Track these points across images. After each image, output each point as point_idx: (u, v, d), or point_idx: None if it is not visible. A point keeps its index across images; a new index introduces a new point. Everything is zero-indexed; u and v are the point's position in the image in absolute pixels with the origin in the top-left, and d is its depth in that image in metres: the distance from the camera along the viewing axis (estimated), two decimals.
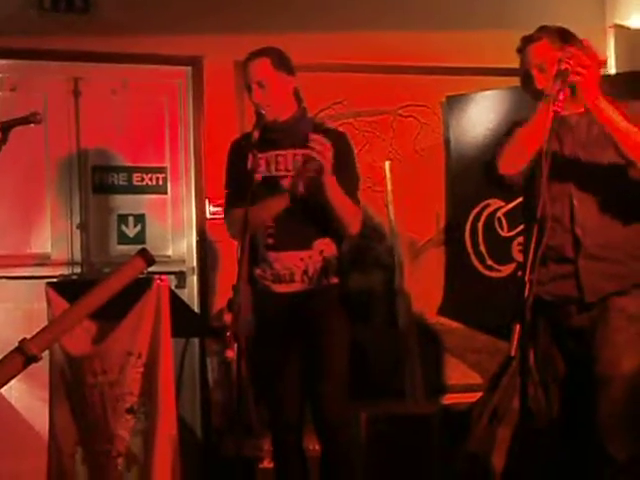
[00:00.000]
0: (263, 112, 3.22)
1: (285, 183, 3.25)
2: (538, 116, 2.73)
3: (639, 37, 4.98)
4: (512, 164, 2.85)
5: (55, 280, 4.19)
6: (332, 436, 3.27)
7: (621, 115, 2.72)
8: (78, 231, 4.68)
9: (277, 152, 3.30)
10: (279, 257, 3.28)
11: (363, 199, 3.47)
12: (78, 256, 4.67)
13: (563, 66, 2.66)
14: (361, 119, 4.99)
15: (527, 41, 2.95)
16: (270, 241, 3.29)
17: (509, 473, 3.40)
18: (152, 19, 4.67)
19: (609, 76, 4.85)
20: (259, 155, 3.16)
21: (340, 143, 3.26)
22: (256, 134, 3.11)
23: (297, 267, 3.27)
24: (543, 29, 2.95)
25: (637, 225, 2.94)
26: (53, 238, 4.67)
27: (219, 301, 4.63)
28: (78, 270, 4.65)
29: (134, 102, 4.77)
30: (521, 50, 2.96)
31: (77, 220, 4.69)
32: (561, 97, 2.57)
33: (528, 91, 2.96)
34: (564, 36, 2.91)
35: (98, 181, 4.74)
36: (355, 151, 3.43)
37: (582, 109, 2.90)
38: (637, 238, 2.94)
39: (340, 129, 3.66)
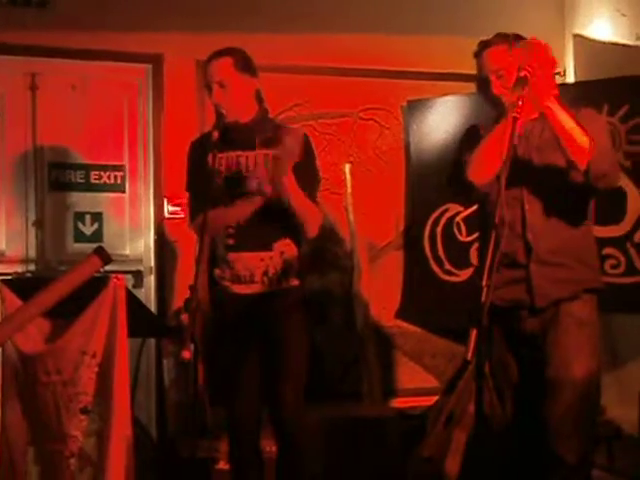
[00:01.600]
0: (223, 112, 3.20)
1: (249, 184, 3.24)
2: (502, 125, 2.75)
3: (598, 47, 5.04)
4: (481, 173, 2.85)
5: (9, 277, 4.13)
6: (289, 438, 3.27)
7: (572, 119, 2.75)
8: (33, 228, 4.63)
9: (237, 153, 3.29)
10: (239, 258, 3.27)
11: (323, 201, 3.48)
12: (33, 253, 4.61)
13: (522, 73, 2.68)
14: (322, 121, 5.00)
15: (484, 46, 2.97)
16: (230, 241, 3.27)
17: (464, 476, 3.42)
18: (113, 15, 4.63)
19: (568, 85, 4.91)
20: (219, 155, 3.15)
21: (303, 144, 3.25)
22: (216, 134, 3.10)
23: (257, 268, 3.26)
24: (500, 35, 2.97)
25: (586, 230, 2.98)
26: (8, 235, 4.61)
27: (176, 301, 4.61)
28: (33, 268, 4.59)
29: (93, 99, 4.72)
30: (478, 55, 2.98)
31: (33, 217, 4.63)
32: (520, 103, 2.59)
33: (484, 96, 2.98)
34: (521, 42, 2.93)
35: (55, 178, 4.69)
36: (315, 153, 3.43)
37: (536, 115, 2.94)
38: (587, 243, 2.98)
39: (301, 130, 3.65)
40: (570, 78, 5.09)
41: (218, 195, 3.14)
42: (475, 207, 3.26)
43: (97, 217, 4.74)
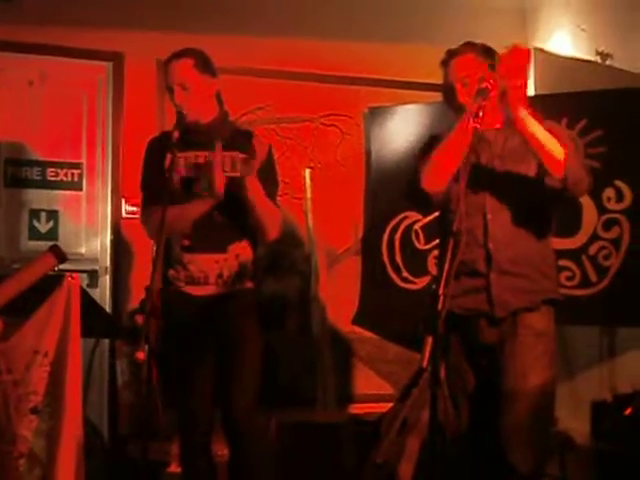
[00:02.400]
0: (184, 113, 3.19)
1: (202, 184, 3.22)
2: (458, 132, 2.77)
3: (558, 61, 5.11)
4: (435, 180, 2.87)
5: None
6: (241, 442, 3.25)
7: (543, 128, 2.78)
8: None
9: (196, 153, 3.27)
10: (194, 259, 3.25)
11: (282, 206, 3.46)
12: None
13: (484, 84, 2.71)
14: (283, 125, 4.99)
15: (452, 54, 2.99)
16: (186, 242, 3.25)
17: None
18: (74, 11, 4.59)
19: (528, 97, 4.96)
20: (178, 155, 3.13)
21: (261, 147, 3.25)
22: (176, 134, 3.08)
23: (212, 270, 3.24)
24: (468, 44, 2.99)
25: (546, 241, 3.00)
26: None
27: (132, 302, 4.57)
28: None
29: (52, 95, 4.67)
30: (445, 63, 3.00)
31: None
32: (481, 114, 2.62)
33: (449, 104, 3.00)
34: (489, 53, 2.96)
35: (10, 174, 4.63)
36: (275, 157, 3.42)
37: (499, 125, 2.96)
38: (547, 254, 3.01)
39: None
40: (530, 91, 5.14)
41: (175, 195, 3.12)
42: (434, 215, 3.28)
43: (53, 215, 4.69)
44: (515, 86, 2.70)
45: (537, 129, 2.77)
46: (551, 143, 2.77)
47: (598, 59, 4.79)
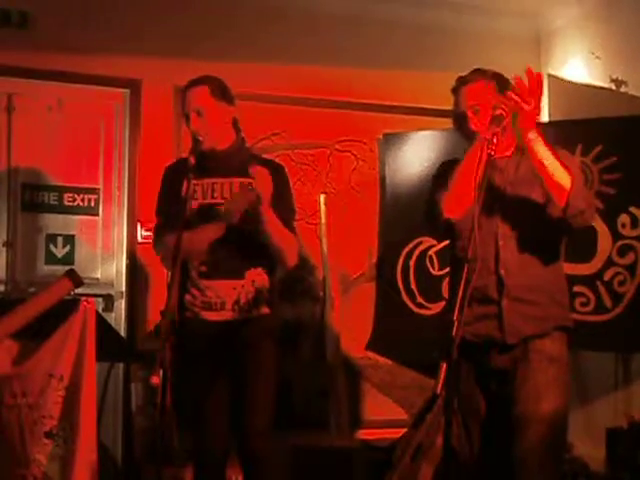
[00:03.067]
0: (200, 139, 3.21)
1: (220, 211, 3.24)
2: (472, 158, 2.77)
3: (572, 87, 5.12)
4: (456, 208, 2.86)
5: None
6: (255, 467, 3.24)
7: (553, 154, 2.78)
8: (4, 249, 4.59)
9: (213, 180, 3.28)
10: (211, 285, 3.26)
11: (297, 231, 3.47)
12: (3, 274, 4.58)
13: (498, 111, 2.72)
14: (298, 151, 5.02)
15: (462, 82, 2.99)
16: (203, 269, 3.26)
17: None
18: (92, 39, 4.64)
19: (542, 123, 4.97)
20: (194, 182, 3.15)
21: (277, 175, 3.26)
22: (192, 160, 3.09)
23: (229, 296, 3.25)
24: (478, 71, 3.00)
25: (558, 267, 3.00)
26: None
27: (147, 326, 4.58)
28: (2, 289, 4.55)
29: (69, 121, 4.71)
30: (456, 90, 3.01)
31: (4, 238, 4.60)
32: (495, 141, 2.63)
33: (461, 131, 3.00)
34: (499, 80, 2.97)
35: (28, 199, 4.66)
36: (291, 183, 3.44)
37: (510, 152, 2.97)
38: (558, 280, 3.00)
39: (277, 161, 3.66)
40: (545, 117, 5.16)
41: (191, 222, 3.13)
42: (447, 241, 3.27)
43: (69, 239, 4.71)
44: (527, 109, 2.71)
45: (545, 153, 2.77)
46: (558, 170, 2.77)
47: (612, 86, 4.81)
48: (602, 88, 4.85)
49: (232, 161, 3.29)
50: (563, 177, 2.77)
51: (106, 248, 4.78)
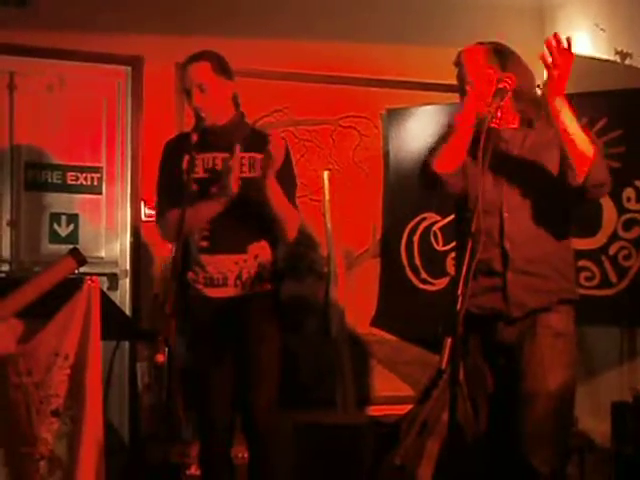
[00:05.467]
0: (203, 115, 3.20)
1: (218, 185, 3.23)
2: (465, 115, 2.77)
3: (577, 60, 5.06)
4: (446, 162, 2.85)
5: None
6: (261, 444, 3.25)
7: (578, 124, 2.76)
8: (8, 228, 4.59)
9: (214, 155, 3.28)
10: (213, 260, 3.25)
11: (300, 208, 3.46)
12: (7, 254, 4.57)
13: (502, 85, 2.70)
14: (301, 128, 5.00)
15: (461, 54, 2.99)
16: (204, 244, 3.26)
17: None
18: (93, 16, 4.61)
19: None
20: (196, 157, 3.15)
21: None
22: (195, 137, 3.09)
23: (231, 271, 3.25)
24: (479, 44, 2.98)
25: (565, 241, 2.99)
26: None
27: (151, 305, 4.58)
28: (7, 268, 4.55)
29: (71, 99, 4.69)
30: (457, 63, 3.00)
31: (7, 217, 4.59)
32: (499, 114, 2.61)
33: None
34: (500, 51, 2.94)
35: (31, 178, 4.65)
36: (293, 158, 3.43)
37: (516, 124, 2.95)
38: (565, 253, 2.99)
39: (278, 135, 3.64)
40: None
41: (192, 197, 3.12)
42: (452, 217, 3.26)
43: (73, 218, 4.71)
44: (555, 75, 2.68)
45: (572, 123, 2.74)
46: (582, 140, 2.75)
47: (617, 59, 4.76)
48: (607, 61, 4.81)
49: (232, 136, 3.28)
50: (587, 148, 2.75)
51: (110, 227, 4.78)
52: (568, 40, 2.68)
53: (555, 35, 2.67)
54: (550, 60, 2.65)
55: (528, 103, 2.93)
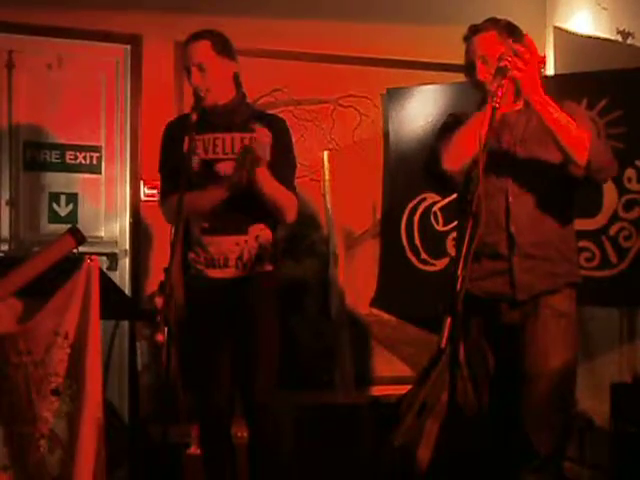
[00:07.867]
0: (202, 95, 3.18)
1: (222, 168, 3.22)
2: (480, 116, 2.74)
3: (578, 40, 5.05)
4: (455, 160, 2.84)
5: None
6: (261, 424, 3.26)
7: (564, 114, 2.74)
8: (7, 208, 4.57)
9: (215, 135, 3.27)
10: (214, 241, 3.25)
11: (300, 188, 3.45)
12: (6, 233, 4.56)
13: (503, 63, 2.68)
14: (301, 107, 4.97)
15: (474, 31, 2.95)
16: (205, 225, 3.26)
17: (435, 465, 3.43)
18: None
19: (547, 77, 4.92)
20: (196, 137, 3.13)
21: (278, 130, 3.24)
22: (194, 117, 3.07)
23: (232, 252, 3.25)
24: (491, 21, 2.95)
25: (570, 225, 2.98)
26: None
27: (151, 284, 4.58)
28: (6, 248, 4.54)
29: (70, 78, 4.67)
30: (467, 39, 2.97)
31: (6, 196, 4.58)
32: (500, 93, 2.59)
33: (470, 80, 2.97)
34: (512, 31, 2.92)
35: (30, 157, 4.64)
36: (293, 138, 3.41)
37: (520, 106, 2.93)
38: (570, 237, 2.99)
39: (279, 115, 3.63)
40: (550, 71, 5.09)
41: (193, 178, 3.12)
42: (452, 197, 3.26)
43: (72, 198, 4.70)
44: (517, 76, 2.66)
45: (559, 115, 2.73)
46: (573, 129, 2.74)
47: (619, 38, 4.74)
48: (608, 40, 4.78)
49: (233, 116, 3.27)
50: (580, 136, 2.74)
51: (109, 206, 4.77)
52: (528, 39, 2.67)
53: (509, 42, 2.68)
54: (509, 66, 2.64)
55: None
